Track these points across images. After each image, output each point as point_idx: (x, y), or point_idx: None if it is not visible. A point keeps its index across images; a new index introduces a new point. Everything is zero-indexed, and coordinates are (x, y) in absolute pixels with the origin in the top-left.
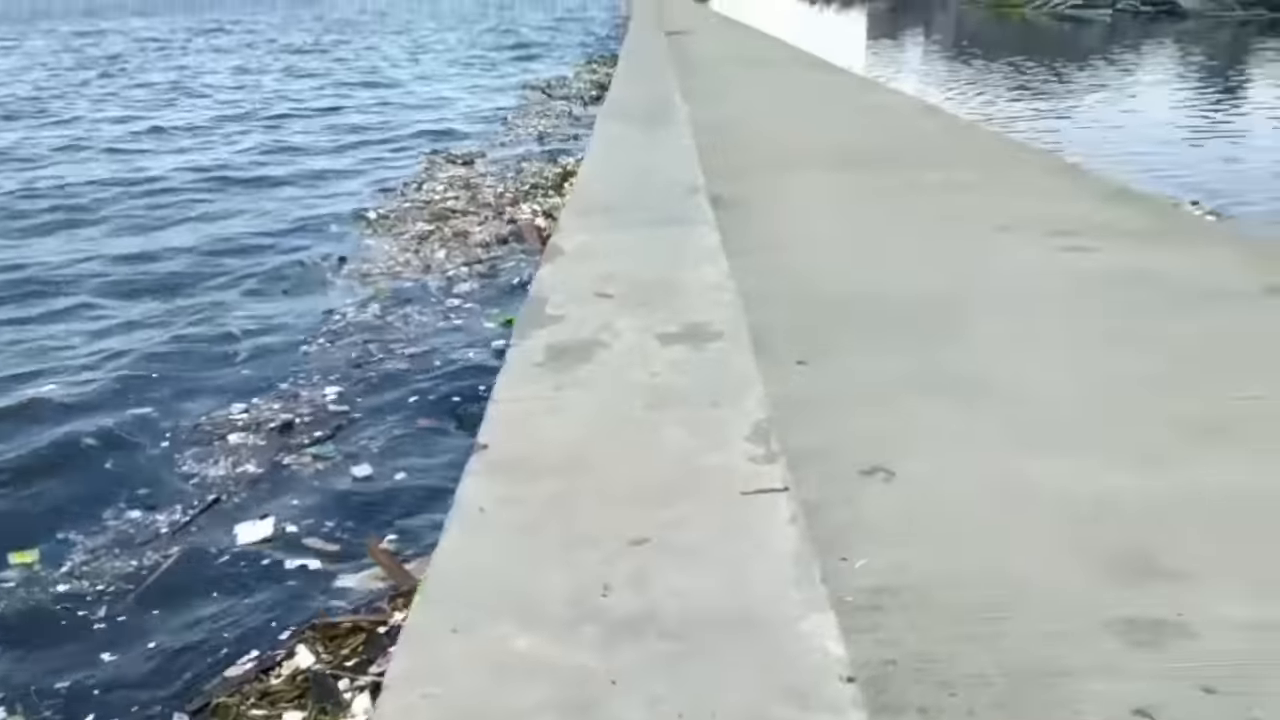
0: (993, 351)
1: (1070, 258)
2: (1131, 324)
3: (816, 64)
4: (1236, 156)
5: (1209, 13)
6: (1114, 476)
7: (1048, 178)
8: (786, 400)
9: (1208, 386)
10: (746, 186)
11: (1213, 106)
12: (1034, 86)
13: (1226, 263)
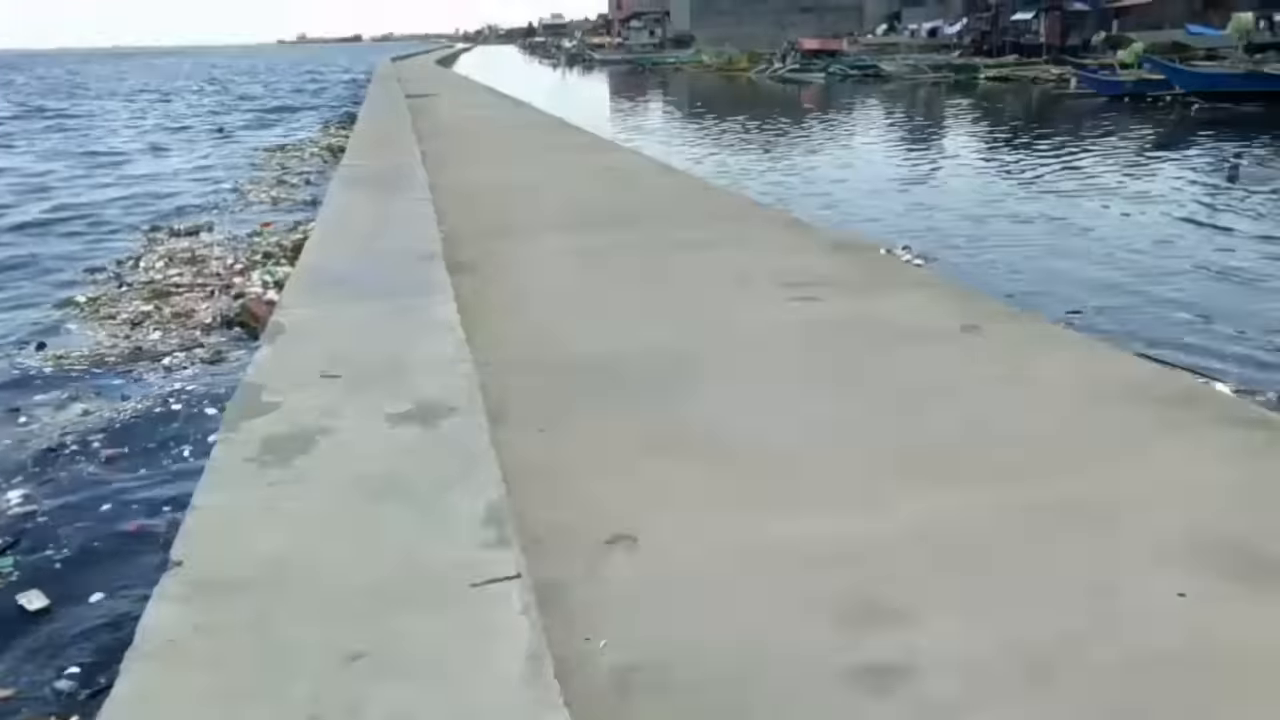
0: (732, 406)
1: (801, 308)
2: (856, 369)
3: (559, 126)
4: (936, 203)
5: (906, 75)
6: (845, 523)
7: (778, 232)
8: (526, 473)
9: (921, 424)
10: (486, 251)
11: (915, 157)
12: (762, 144)
13: (931, 305)
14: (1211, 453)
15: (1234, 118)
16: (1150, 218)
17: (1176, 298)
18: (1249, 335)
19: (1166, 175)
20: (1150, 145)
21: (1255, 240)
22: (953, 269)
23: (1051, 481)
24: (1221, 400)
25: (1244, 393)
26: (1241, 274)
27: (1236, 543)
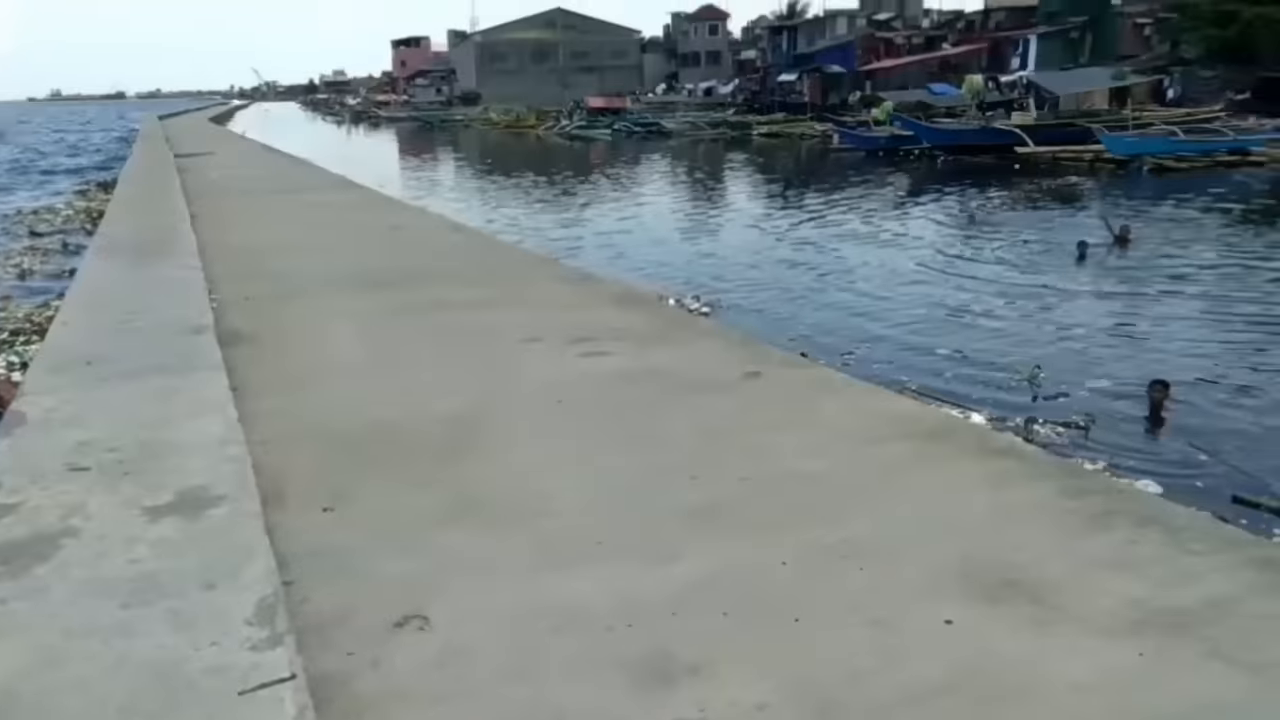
0: (525, 467)
1: (590, 364)
2: (646, 421)
3: (343, 184)
4: (721, 252)
5: (687, 132)
6: (638, 579)
7: (568, 286)
8: (309, 556)
9: (709, 473)
10: (262, 320)
11: (700, 209)
12: (552, 199)
13: (715, 355)
14: (970, 482)
15: (973, 167)
16: (907, 261)
17: (934, 336)
18: (997, 367)
19: (920, 221)
20: (905, 194)
21: (991, 281)
22: (737, 316)
23: (833, 522)
24: (976, 431)
25: (996, 420)
26: (985, 312)
27: (992, 567)
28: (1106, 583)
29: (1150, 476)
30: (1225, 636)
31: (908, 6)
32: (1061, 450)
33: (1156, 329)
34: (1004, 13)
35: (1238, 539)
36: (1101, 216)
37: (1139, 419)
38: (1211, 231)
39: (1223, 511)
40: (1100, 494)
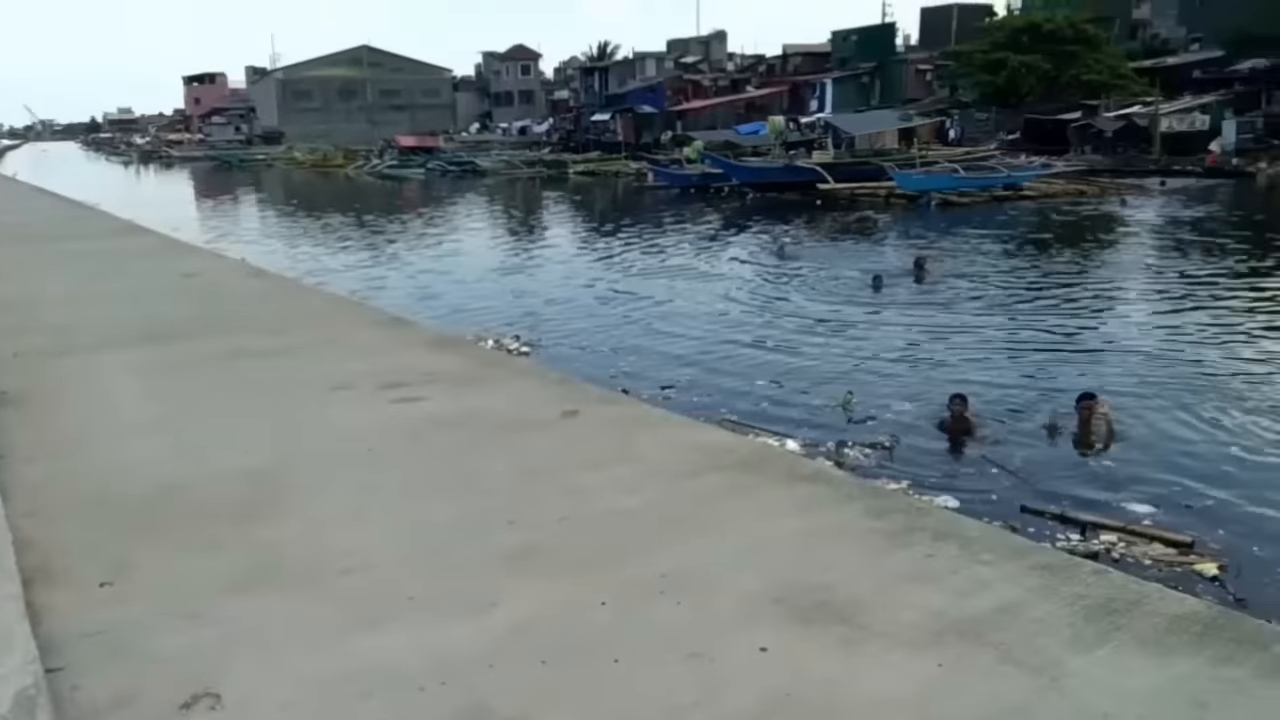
0: (328, 523)
1: (402, 409)
2: (462, 466)
3: (130, 230)
4: (540, 290)
5: (503, 171)
6: (451, 631)
7: (378, 330)
8: (83, 638)
9: (527, 515)
10: (34, 378)
11: (518, 248)
12: (363, 240)
13: (533, 395)
14: (781, 509)
15: (779, 203)
16: (723, 294)
17: (752, 367)
18: (811, 394)
19: (733, 255)
20: (718, 230)
21: (801, 311)
22: (557, 355)
23: (651, 557)
24: (787, 459)
25: (810, 445)
26: (798, 341)
27: (804, 590)
28: (908, 597)
29: (950, 492)
30: (1014, 641)
31: (713, 50)
32: (870, 471)
33: (954, 352)
34: (801, 58)
35: (1022, 547)
36: (913, 254)
37: (940, 437)
38: (995, 261)
39: (1014, 520)
40: (901, 512)
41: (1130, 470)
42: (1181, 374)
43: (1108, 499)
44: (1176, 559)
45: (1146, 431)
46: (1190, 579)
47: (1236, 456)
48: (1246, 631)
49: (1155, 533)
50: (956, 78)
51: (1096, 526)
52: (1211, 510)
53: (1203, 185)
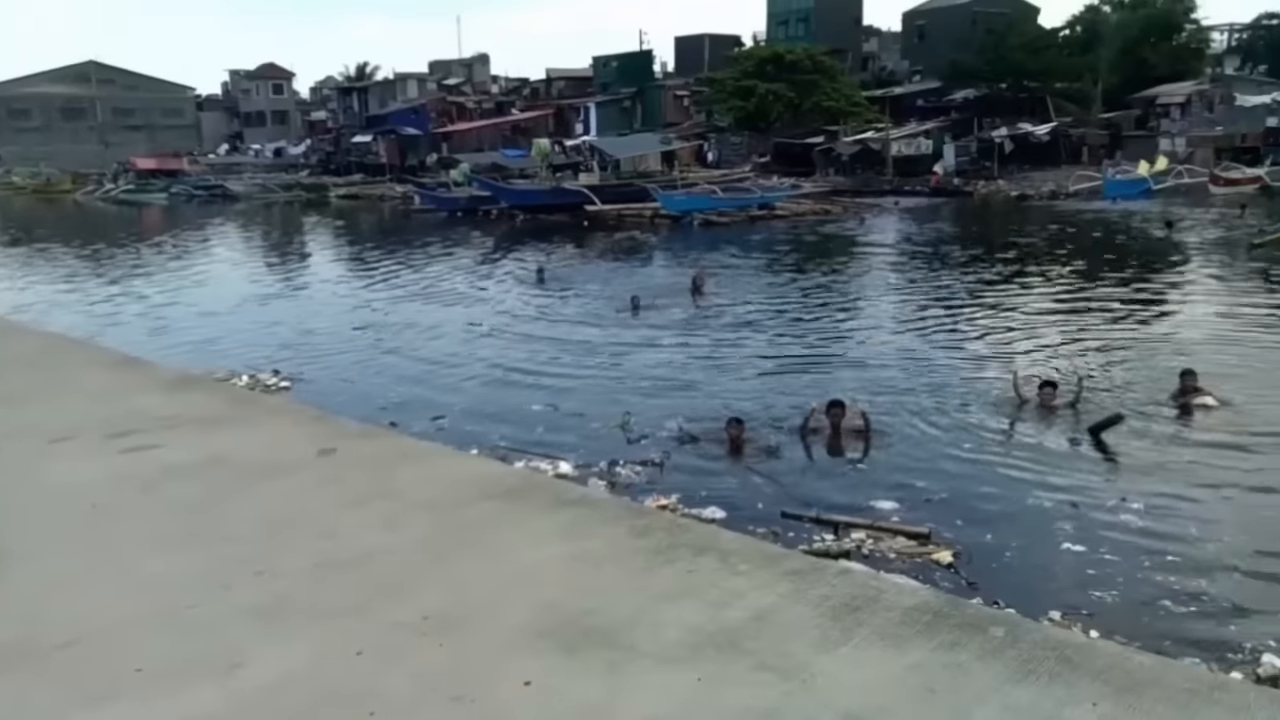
0: (43, 591)
1: (134, 460)
2: (203, 517)
3: None
4: (303, 321)
5: (257, 195)
6: (187, 701)
7: (107, 372)
8: None
9: (277, 564)
10: None
11: (277, 277)
12: (95, 272)
13: (286, 434)
14: (548, 535)
15: (549, 225)
16: (496, 319)
17: (528, 391)
18: (589, 416)
19: (504, 278)
20: (488, 253)
21: (574, 336)
22: (320, 389)
23: (412, 598)
24: (553, 486)
25: (582, 467)
26: (575, 363)
27: (570, 617)
28: (671, 614)
29: (718, 503)
30: (767, 648)
31: (476, 72)
32: (641, 489)
33: (724, 367)
34: (564, 81)
35: (775, 555)
36: (684, 273)
37: (712, 451)
38: (758, 277)
39: (776, 526)
40: (664, 530)
41: (878, 470)
42: (920, 378)
43: (858, 499)
44: (917, 550)
45: (891, 433)
46: (929, 568)
47: (966, 451)
48: (969, 617)
49: (898, 527)
50: (711, 103)
51: (848, 526)
52: (947, 502)
53: (930, 203)
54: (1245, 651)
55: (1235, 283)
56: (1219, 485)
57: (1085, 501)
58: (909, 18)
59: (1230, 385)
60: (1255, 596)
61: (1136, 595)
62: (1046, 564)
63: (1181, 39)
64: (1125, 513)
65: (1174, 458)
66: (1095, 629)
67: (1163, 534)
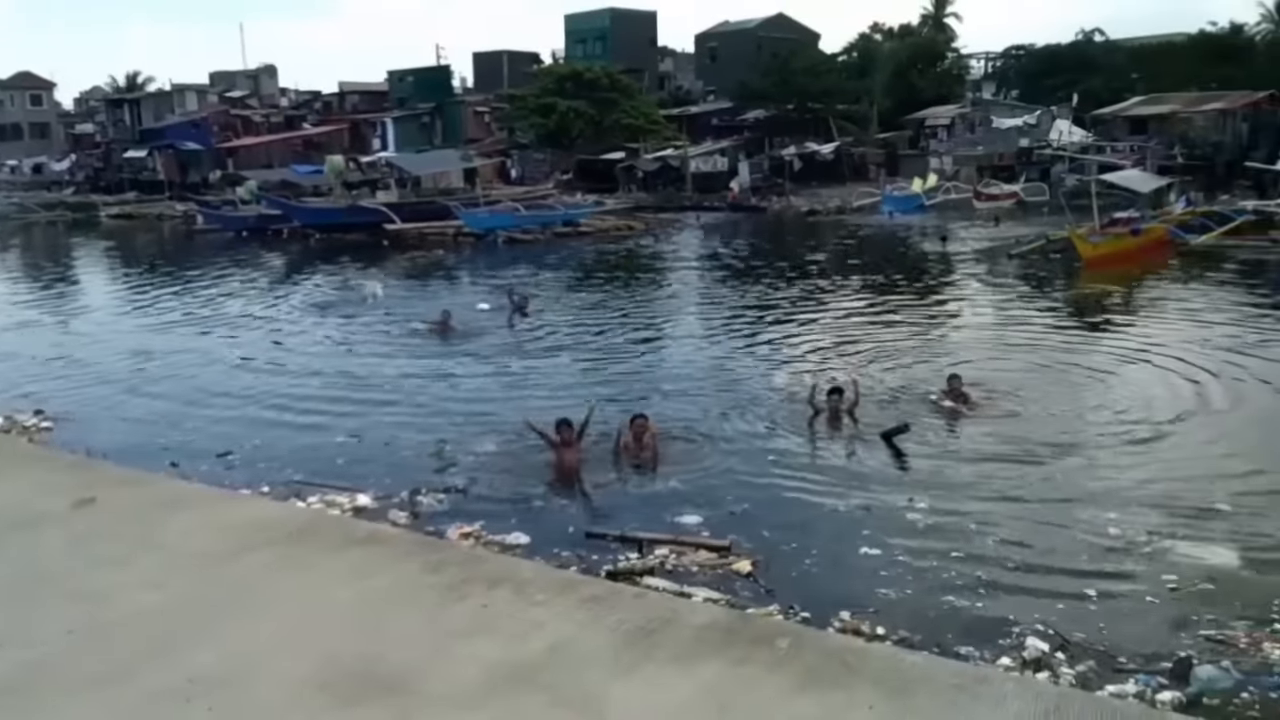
0: None
1: None
2: None
3: None
4: (73, 353)
5: (14, 215)
6: None
7: None
8: None
9: (24, 633)
10: None
11: (41, 305)
12: None
13: (38, 484)
14: (334, 579)
15: (347, 245)
16: (293, 345)
17: (332, 419)
18: (391, 444)
19: (297, 303)
20: (279, 276)
21: (381, 359)
22: (90, 428)
23: (177, 660)
24: (341, 524)
25: (382, 498)
26: (378, 388)
27: (355, 665)
28: (465, 651)
29: (523, 528)
30: (563, 680)
31: (263, 85)
32: (443, 518)
33: (540, 385)
34: (359, 96)
35: (573, 581)
36: (507, 290)
37: (522, 474)
38: (568, 295)
39: (580, 547)
40: (458, 564)
41: (683, 484)
42: (726, 391)
43: (664, 514)
44: (718, 562)
45: (695, 445)
46: (730, 579)
47: (767, 461)
48: (758, 630)
49: (699, 541)
50: (513, 120)
51: (652, 543)
52: (750, 513)
53: (729, 218)
54: (1013, 637)
55: (1000, 286)
56: (992, 481)
57: (875, 504)
58: (701, 40)
59: (996, 385)
60: (1022, 585)
61: (920, 589)
62: (839, 566)
63: (945, 65)
64: (911, 513)
65: (951, 459)
66: (881, 625)
67: (944, 531)
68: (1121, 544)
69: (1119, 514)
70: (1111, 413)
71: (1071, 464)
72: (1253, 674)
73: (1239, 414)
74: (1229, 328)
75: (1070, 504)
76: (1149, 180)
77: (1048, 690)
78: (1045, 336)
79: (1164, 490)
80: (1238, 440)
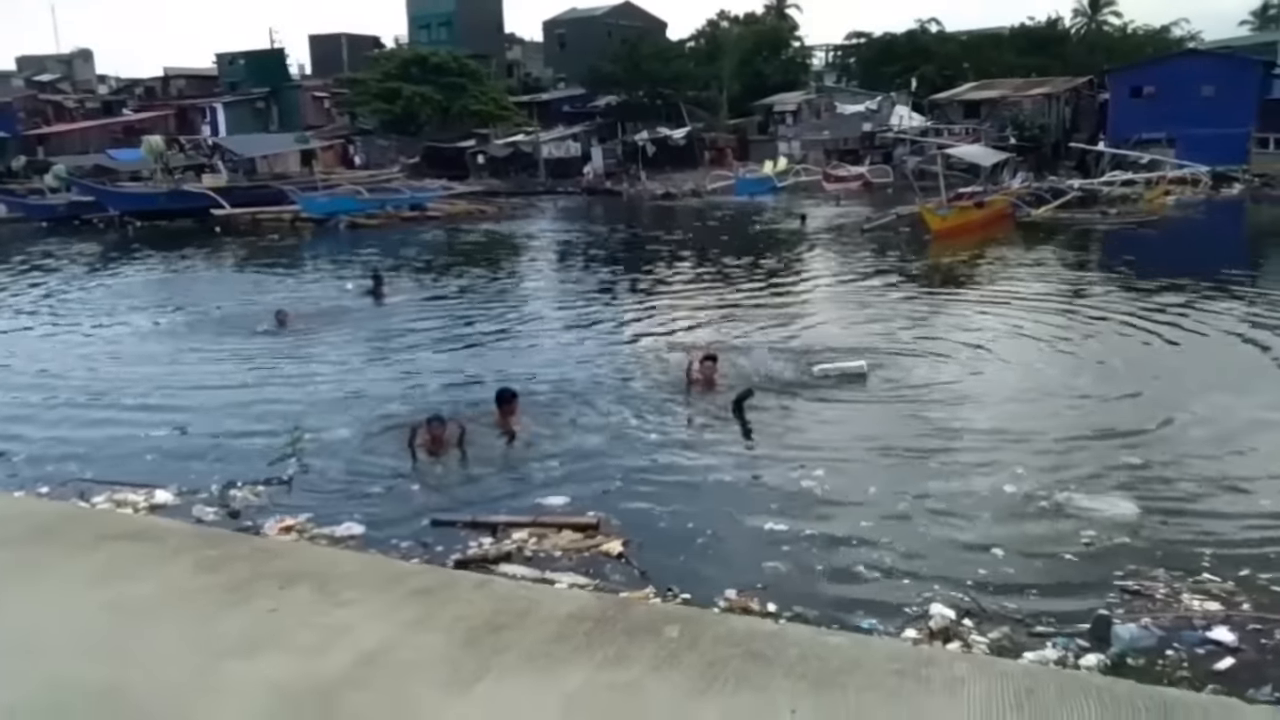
0: None
1: None
2: None
3: None
4: None
5: None
6: None
7: None
8: None
9: None
10: None
11: None
12: None
13: None
14: (74, 585)
15: (171, 232)
16: (104, 339)
17: (144, 417)
18: (220, 437)
19: (114, 295)
20: (90, 267)
21: (210, 350)
22: None
23: None
24: (97, 518)
25: (188, 493)
26: (214, 381)
27: (88, 697)
28: (239, 673)
29: (358, 517)
30: (375, 699)
31: (77, 70)
32: (262, 511)
33: (393, 370)
34: (185, 80)
35: (398, 573)
36: (372, 272)
37: (363, 460)
38: (427, 278)
39: (426, 536)
40: (245, 559)
41: (547, 465)
42: (592, 366)
43: (527, 497)
44: (584, 544)
45: (560, 425)
46: (599, 561)
47: (636, 436)
48: (639, 619)
49: (562, 520)
50: (355, 105)
51: (508, 526)
52: (620, 490)
53: (584, 202)
54: (915, 605)
55: (855, 258)
56: (884, 452)
57: (757, 475)
58: (549, 26)
59: (865, 349)
60: (919, 552)
61: (808, 562)
62: (720, 542)
63: (790, 54)
64: (798, 482)
65: (835, 428)
66: (772, 602)
67: (832, 500)
68: (1020, 502)
69: (1014, 474)
70: (993, 373)
71: (957, 427)
72: (1174, 629)
73: (1112, 368)
74: (1078, 287)
75: (963, 468)
76: (990, 155)
77: (1012, 669)
78: (902, 305)
79: (1055, 447)
80: (1112, 394)
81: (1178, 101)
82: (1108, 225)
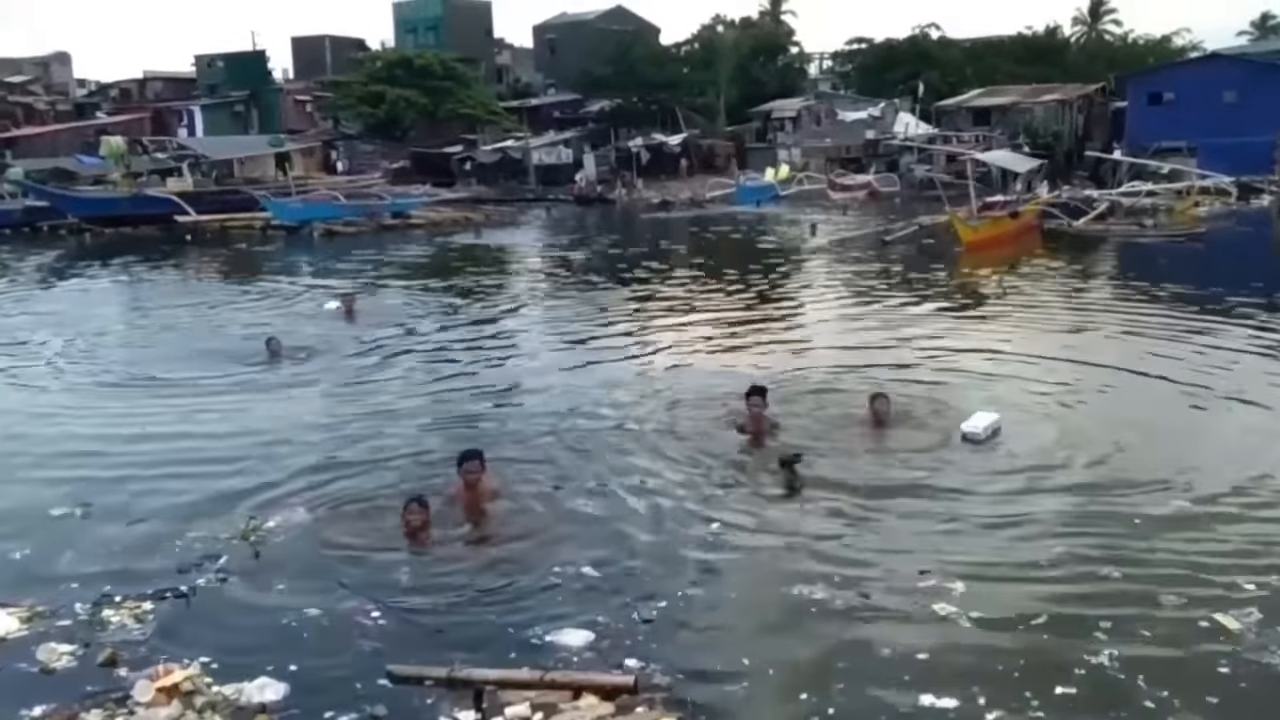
0: None
1: None
2: None
3: None
4: None
5: None
6: None
7: None
8: None
9: None
10: None
11: None
12: None
13: None
14: None
15: (135, 240)
16: (39, 371)
17: (48, 488)
18: (129, 517)
19: (57, 314)
20: (41, 279)
21: (170, 386)
22: None
23: None
24: None
25: (45, 617)
26: (160, 429)
27: None
28: None
29: (279, 667)
30: None
31: (54, 73)
32: (146, 649)
33: (375, 416)
34: (163, 83)
35: None
36: (339, 295)
37: (321, 565)
38: (399, 297)
39: (383, 699)
40: None
41: (556, 571)
42: (600, 416)
43: (528, 628)
44: (617, 714)
45: (560, 497)
46: None
47: (668, 522)
48: None
49: (582, 680)
50: (338, 109)
51: (500, 686)
52: (667, 617)
53: (577, 211)
54: None
55: (876, 274)
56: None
57: (868, 585)
58: (539, 31)
59: (925, 388)
60: None
61: None
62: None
63: (787, 59)
64: (920, 610)
65: (953, 497)
66: None
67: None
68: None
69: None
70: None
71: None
72: None
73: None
74: (1168, 315)
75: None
76: (1024, 161)
77: None
78: (968, 334)
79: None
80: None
81: (1199, 108)
82: (1150, 238)
